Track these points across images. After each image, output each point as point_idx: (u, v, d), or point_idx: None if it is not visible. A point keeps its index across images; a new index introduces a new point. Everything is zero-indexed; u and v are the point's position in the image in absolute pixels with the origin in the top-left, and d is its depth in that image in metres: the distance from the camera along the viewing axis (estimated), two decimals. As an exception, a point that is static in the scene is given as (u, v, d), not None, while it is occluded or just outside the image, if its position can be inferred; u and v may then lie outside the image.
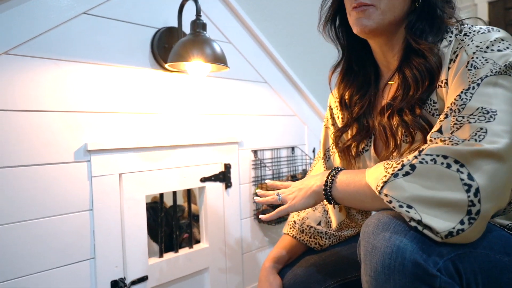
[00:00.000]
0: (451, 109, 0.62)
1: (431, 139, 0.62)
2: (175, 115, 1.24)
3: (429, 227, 0.55)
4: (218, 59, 1.07)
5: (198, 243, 1.34)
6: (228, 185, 1.37)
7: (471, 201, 0.54)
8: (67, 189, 0.99)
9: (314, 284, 0.85)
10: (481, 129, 0.56)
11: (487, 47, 0.63)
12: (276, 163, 1.57)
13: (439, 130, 0.62)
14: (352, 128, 0.85)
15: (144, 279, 1.13)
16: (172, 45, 1.17)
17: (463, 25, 0.69)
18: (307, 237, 0.92)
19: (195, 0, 1.12)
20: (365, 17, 0.70)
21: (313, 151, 1.75)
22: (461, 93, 0.61)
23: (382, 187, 0.59)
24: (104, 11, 1.06)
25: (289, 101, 1.64)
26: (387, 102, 0.76)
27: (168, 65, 1.11)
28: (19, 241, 0.91)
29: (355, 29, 0.73)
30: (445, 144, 0.58)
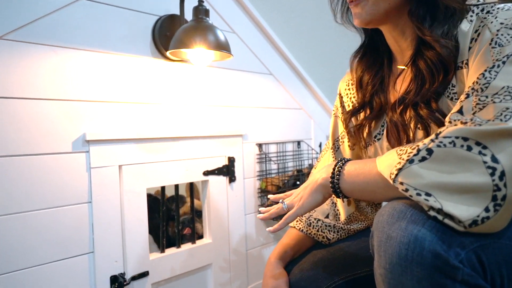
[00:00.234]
0: (473, 89, 0.58)
1: (450, 121, 0.57)
2: (177, 106, 1.20)
3: (450, 216, 0.50)
4: (221, 46, 1.03)
5: (201, 238, 1.30)
6: (232, 179, 1.33)
7: (496, 185, 0.49)
8: (64, 180, 0.95)
9: (321, 279, 0.80)
10: (507, 108, 0.52)
11: None
12: (281, 157, 1.52)
13: (460, 111, 0.57)
14: (365, 109, 0.83)
15: (145, 274, 1.09)
16: (174, 33, 1.13)
17: (485, 4, 0.64)
18: (315, 231, 0.88)
19: (198, -14, 1.08)
20: (359, 11, 0.70)
21: (320, 146, 1.70)
22: (485, 72, 0.57)
23: (396, 174, 0.55)
24: (103, -4, 1.03)
25: (294, 93, 1.60)
26: (399, 96, 0.73)
27: (169, 52, 1.07)
28: (14, 233, 0.88)
29: (354, 22, 0.75)
30: (466, 125, 0.53)
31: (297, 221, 0.90)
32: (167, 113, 1.17)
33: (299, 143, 1.60)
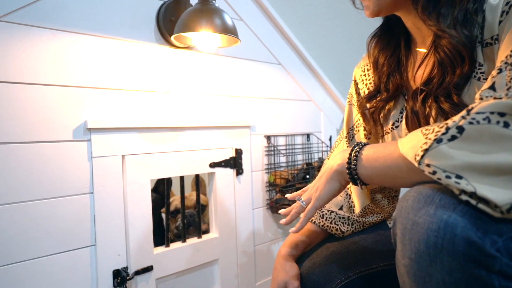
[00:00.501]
0: (506, 63, 0.52)
1: (481, 97, 0.52)
2: (183, 95, 1.16)
3: (485, 200, 0.44)
4: (228, 30, 0.98)
5: (207, 233, 1.25)
6: (239, 171, 1.28)
7: (538, 166, 0.43)
8: (65, 169, 0.91)
9: (335, 274, 0.75)
10: None
11: None
12: (290, 150, 1.47)
13: (491, 87, 0.52)
14: (381, 94, 0.78)
15: (149, 269, 1.05)
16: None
17: None
18: (328, 223, 0.83)
19: (204, -32, 1.03)
20: (368, 3, 0.70)
21: (330, 139, 1.65)
22: None
23: (422, 156, 0.49)
24: (106, -21, 0.99)
25: (304, 85, 1.54)
26: (421, 82, 0.69)
27: (174, 37, 1.02)
28: (13, 224, 0.84)
29: (365, 14, 0.73)
30: (501, 100, 0.47)
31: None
32: (172, 102, 1.13)
33: (308, 136, 1.55)
